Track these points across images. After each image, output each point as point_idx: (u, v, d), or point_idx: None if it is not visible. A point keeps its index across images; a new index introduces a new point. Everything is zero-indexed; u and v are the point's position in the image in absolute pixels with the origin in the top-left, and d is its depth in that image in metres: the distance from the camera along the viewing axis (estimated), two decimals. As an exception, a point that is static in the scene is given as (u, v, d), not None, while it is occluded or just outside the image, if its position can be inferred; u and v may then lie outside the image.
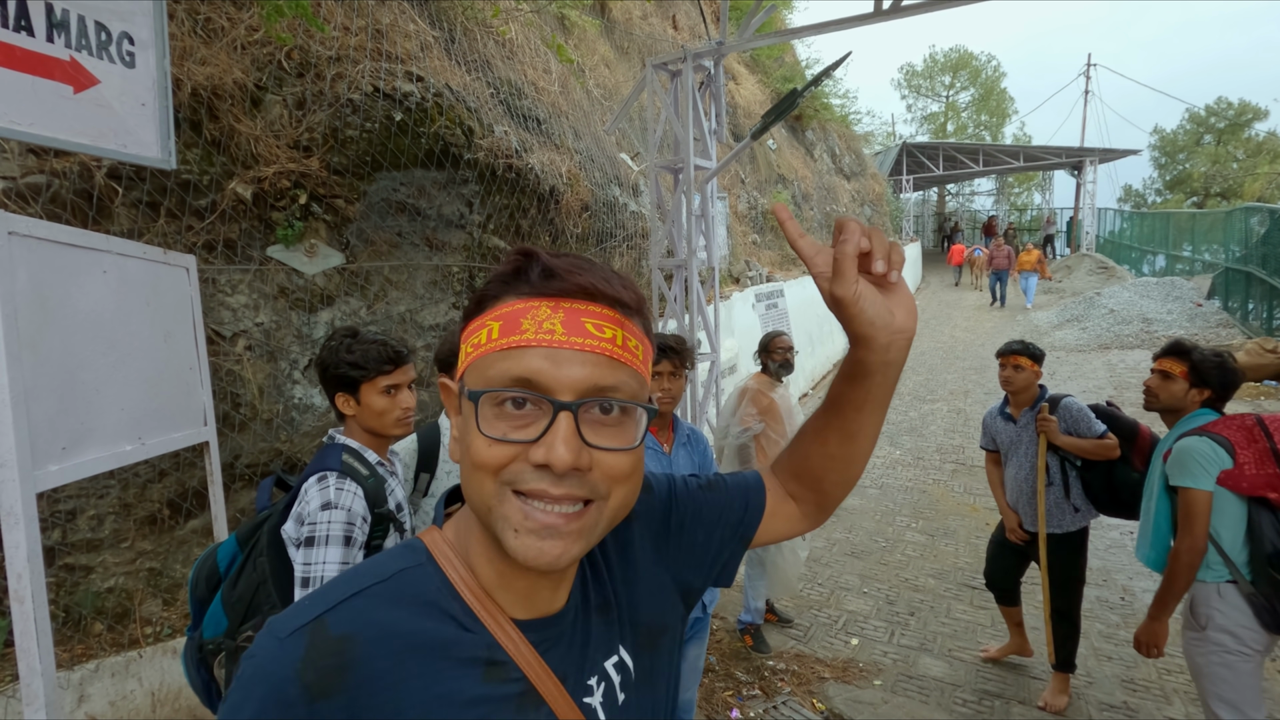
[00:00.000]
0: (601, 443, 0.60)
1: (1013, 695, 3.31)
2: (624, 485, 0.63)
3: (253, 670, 0.59)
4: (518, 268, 0.63)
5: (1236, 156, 34.82)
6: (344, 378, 1.72)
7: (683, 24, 9.90)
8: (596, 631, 0.73)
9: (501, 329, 0.61)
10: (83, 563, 2.67)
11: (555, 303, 0.61)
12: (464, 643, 0.64)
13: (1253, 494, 2.16)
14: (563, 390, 0.59)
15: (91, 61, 1.84)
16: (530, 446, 0.59)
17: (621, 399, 0.61)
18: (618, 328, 0.62)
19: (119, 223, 2.73)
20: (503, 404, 0.60)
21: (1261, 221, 10.76)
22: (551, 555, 0.59)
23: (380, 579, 0.64)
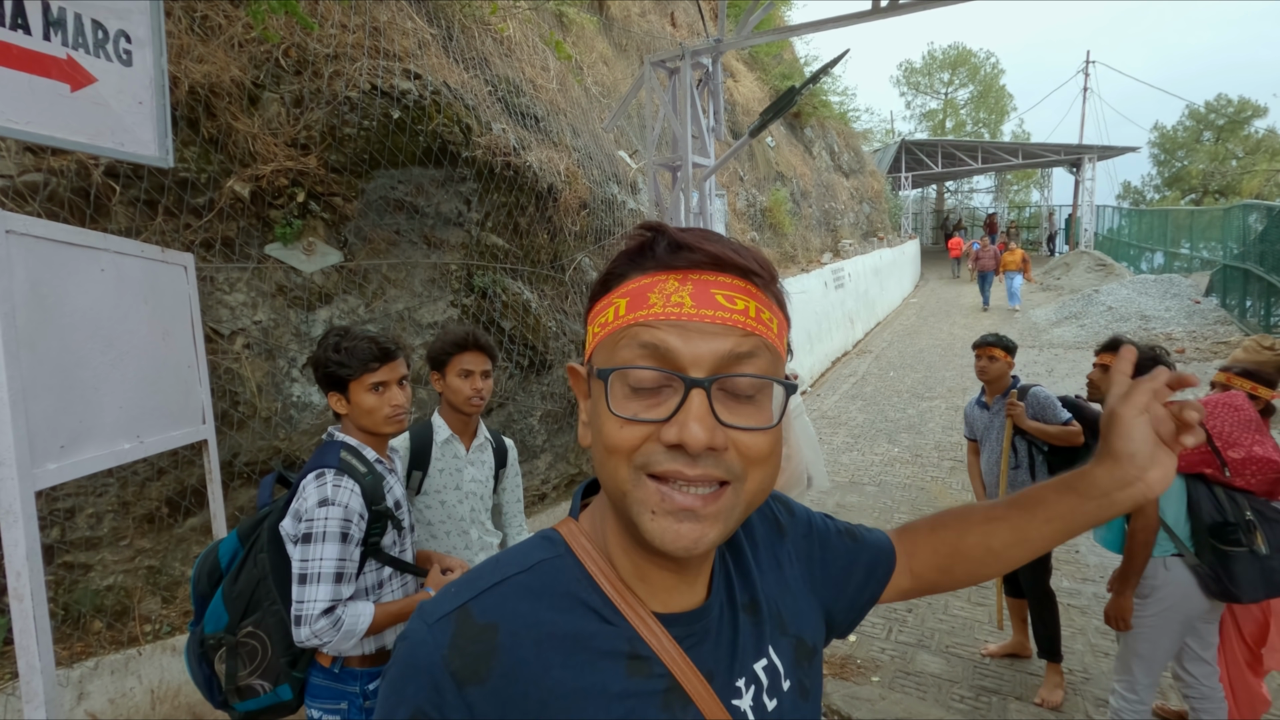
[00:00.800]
0: (737, 421, 0.57)
1: (1010, 691, 3.32)
2: (762, 467, 0.59)
3: (405, 652, 0.60)
4: (643, 243, 0.61)
5: (1236, 154, 34.84)
6: (333, 376, 1.73)
7: (681, 21, 9.89)
8: (745, 631, 0.70)
9: (629, 305, 0.59)
10: (82, 561, 2.67)
11: (683, 275, 0.58)
12: (605, 635, 0.62)
13: (1189, 471, 2.34)
14: (694, 366, 0.56)
15: (88, 60, 1.84)
16: (662, 426, 0.56)
17: (756, 373, 0.58)
18: (749, 299, 0.59)
19: (117, 221, 2.73)
20: (634, 384, 0.57)
21: (1260, 219, 10.77)
22: (690, 538, 0.56)
23: (522, 569, 0.64)
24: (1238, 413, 2.34)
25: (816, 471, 3.86)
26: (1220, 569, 2.28)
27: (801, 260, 11.61)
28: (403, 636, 0.62)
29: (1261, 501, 2.30)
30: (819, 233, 13.56)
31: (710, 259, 0.58)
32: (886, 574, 0.86)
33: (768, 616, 0.73)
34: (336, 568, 1.60)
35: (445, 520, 2.27)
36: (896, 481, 6.35)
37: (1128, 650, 2.51)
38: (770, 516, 0.81)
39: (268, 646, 1.63)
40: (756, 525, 0.79)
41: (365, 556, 1.71)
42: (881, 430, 7.92)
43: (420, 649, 0.59)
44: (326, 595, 1.58)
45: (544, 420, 4.58)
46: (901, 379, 10.28)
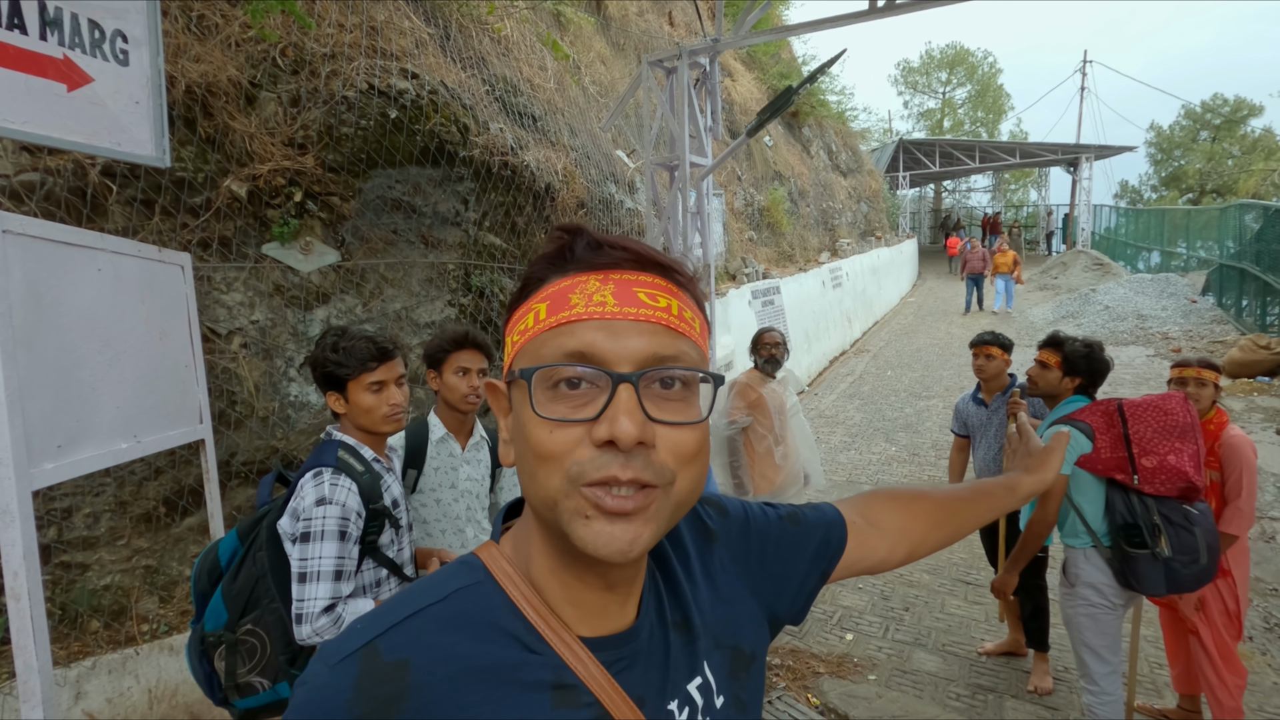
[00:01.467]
0: (665, 417, 0.56)
1: (1006, 689, 3.34)
2: (691, 466, 0.58)
3: (304, 699, 0.55)
4: (561, 245, 0.60)
5: (1232, 153, 34.92)
6: (331, 376, 1.74)
7: (679, 20, 9.89)
8: (676, 650, 0.68)
9: (549, 308, 0.57)
10: (79, 560, 2.67)
11: (604, 274, 0.57)
12: (529, 665, 0.59)
13: (1106, 475, 2.45)
14: (620, 362, 0.55)
15: (85, 59, 1.84)
16: (592, 425, 0.54)
17: (684, 367, 0.57)
18: (672, 298, 0.58)
19: (114, 220, 2.73)
20: (558, 384, 0.56)
21: (1256, 218, 10.80)
22: (625, 540, 0.54)
23: (437, 599, 0.60)
24: (1166, 417, 2.39)
25: (813, 470, 3.87)
26: (1125, 566, 2.42)
27: (799, 259, 11.62)
28: (301, 681, 0.57)
29: (1172, 506, 2.37)
30: (817, 232, 13.57)
31: (632, 257, 0.58)
32: (837, 550, 0.85)
33: (700, 632, 0.70)
34: (336, 565, 1.61)
35: (441, 519, 2.27)
36: (894, 480, 6.37)
37: (1077, 646, 2.62)
38: (699, 524, 0.79)
39: (267, 644, 1.64)
40: (685, 536, 0.77)
41: (363, 555, 1.72)
42: (879, 429, 7.94)
43: (320, 695, 0.55)
44: (327, 593, 1.59)
45: (542, 419, 4.58)
46: (899, 378, 10.30)
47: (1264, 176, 31.39)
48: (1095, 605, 2.53)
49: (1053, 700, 3.24)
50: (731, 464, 3.65)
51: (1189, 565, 2.33)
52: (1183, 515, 2.36)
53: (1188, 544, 2.32)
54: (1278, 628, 3.93)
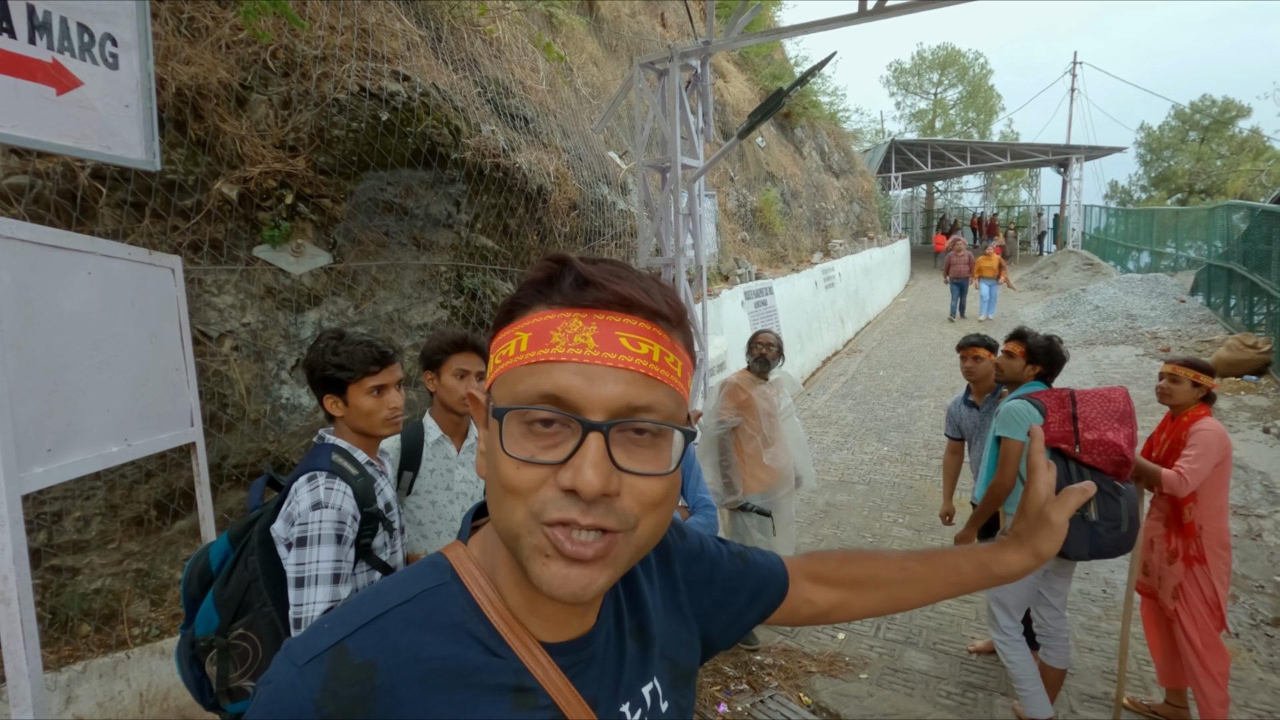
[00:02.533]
0: (634, 466, 0.56)
1: (995, 687, 3.36)
2: (655, 513, 0.58)
3: (269, 697, 0.56)
4: (550, 275, 0.59)
5: (1221, 153, 35.21)
6: (331, 379, 1.74)
7: (671, 22, 9.91)
8: (631, 656, 0.70)
9: (530, 341, 0.57)
10: (69, 564, 2.66)
11: (589, 314, 0.57)
12: (491, 668, 0.61)
13: (1051, 445, 2.73)
14: (593, 409, 0.55)
15: (74, 63, 1.84)
16: (558, 469, 0.55)
17: (657, 420, 0.57)
18: (655, 342, 0.58)
19: (103, 223, 2.72)
20: (531, 423, 0.56)
21: (1243, 219, 10.90)
22: (579, 584, 0.55)
23: (404, 599, 0.61)
24: (1109, 404, 2.74)
25: (805, 471, 3.89)
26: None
27: (792, 260, 11.65)
28: (265, 680, 0.57)
29: (1104, 478, 2.69)
30: (809, 232, 13.62)
31: (617, 299, 0.57)
32: (776, 597, 0.88)
33: (654, 639, 0.73)
34: (334, 569, 1.61)
35: (436, 520, 2.28)
36: (885, 480, 6.40)
37: (991, 600, 3.01)
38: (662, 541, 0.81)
39: (259, 648, 1.64)
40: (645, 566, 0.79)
41: (356, 559, 1.72)
42: (871, 429, 7.98)
43: (288, 694, 0.55)
44: (326, 596, 1.59)
45: (534, 421, 4.58)
46: (891, 378, 10.34)
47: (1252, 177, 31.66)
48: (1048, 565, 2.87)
49: (1042, 697, 3.27)
50: (721, 463, 3.67)
51: (1111, 531, 2.65)
52: (1112, 486, 2.68)
53: (1113, 511, 2.64)
54: (1264, 624, 3.97)
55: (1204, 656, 2.88)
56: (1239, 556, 4.69)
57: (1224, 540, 2.90)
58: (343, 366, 1.73)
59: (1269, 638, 3.85)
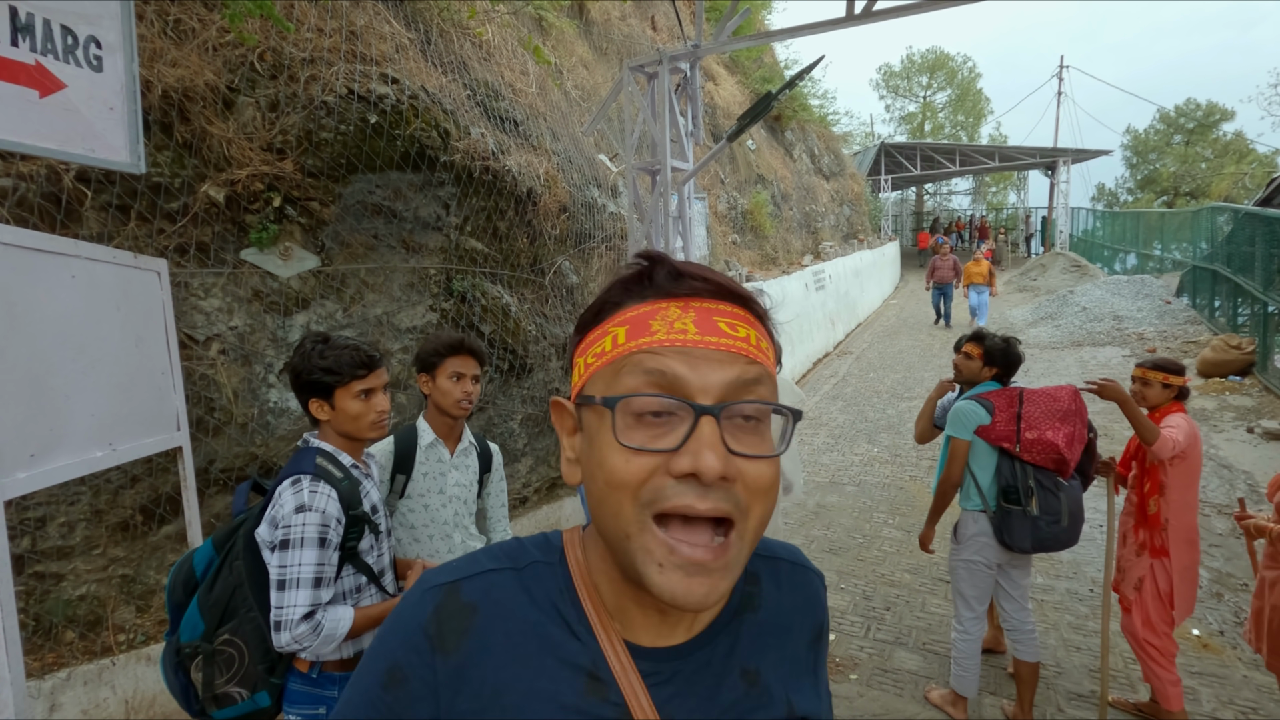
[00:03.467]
0: (744, 449, 0.55)
1: (984, 687, 3.38)
2: (764, 499, 0.57)
3: (401, 608, 0.65)
4: (640, 272, 0.61)
5: (1205, 156, 35.62)
6: (318, 383, 1.73)
7: (662, 25, 9.93)
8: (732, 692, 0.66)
9: (629, 333, 0.57)
10: (53, 570, 2.64)
11: (685, 302, 0.58)
12: (572, 649, 0.62)
13: (997, 444, 2.93)
14: (703, 393, 0.55)
15: (58, 65, 1.82)
16: (671, 456, 0.54)
17: (766, 401, 0.57)
18: (750, 327, 0.59)
19: (88, 226, 2.70)
20: (640, 414, 0.55)
21: (1228, 221, 11.03)
22: (702, 592, 0.54)
23: (515, 565, 0.66)
24: (1054, 403, 2.89)
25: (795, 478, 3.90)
26: (1001, 522, 2.90)
27: (783, 262, 11.69)
28: (407, 593, 0.67)
29: (1046, 474, 2.85)
30: (800, 235, 13.67)
31: (712, 287, 0.59)
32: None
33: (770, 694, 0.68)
34: (315, 572, 1.61)
35: (429, 524, 2.27)
36: (876, 481, 6.43)
37: (954, 592, 3.14)
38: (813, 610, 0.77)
39: (245, 654, 1.63)
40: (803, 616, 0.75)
41: (342, 561, 1.72)
42: (861, 430, 8.01)
43: (410, 609, 0.64)
44: (306, 600, 1.58)
45: (524, 424, 4.58)
46: (881, 380, 10.39)
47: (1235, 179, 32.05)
48: (973, 561, 3.03)
49: (1030, 696, 3.30)
50: None
51: (1052, 525, 2.82)
52: (1053, 483, 2.85)
53: (1052, 506, 2.82)
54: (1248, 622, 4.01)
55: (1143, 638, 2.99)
56: (1223, 555, 4.74)
57: (1190, 536, 2.96)
58: (330, 370, 1.73)
59: (1253, 635, 3.89)
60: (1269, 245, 8.34)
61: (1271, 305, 7.97)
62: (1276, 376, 7.51)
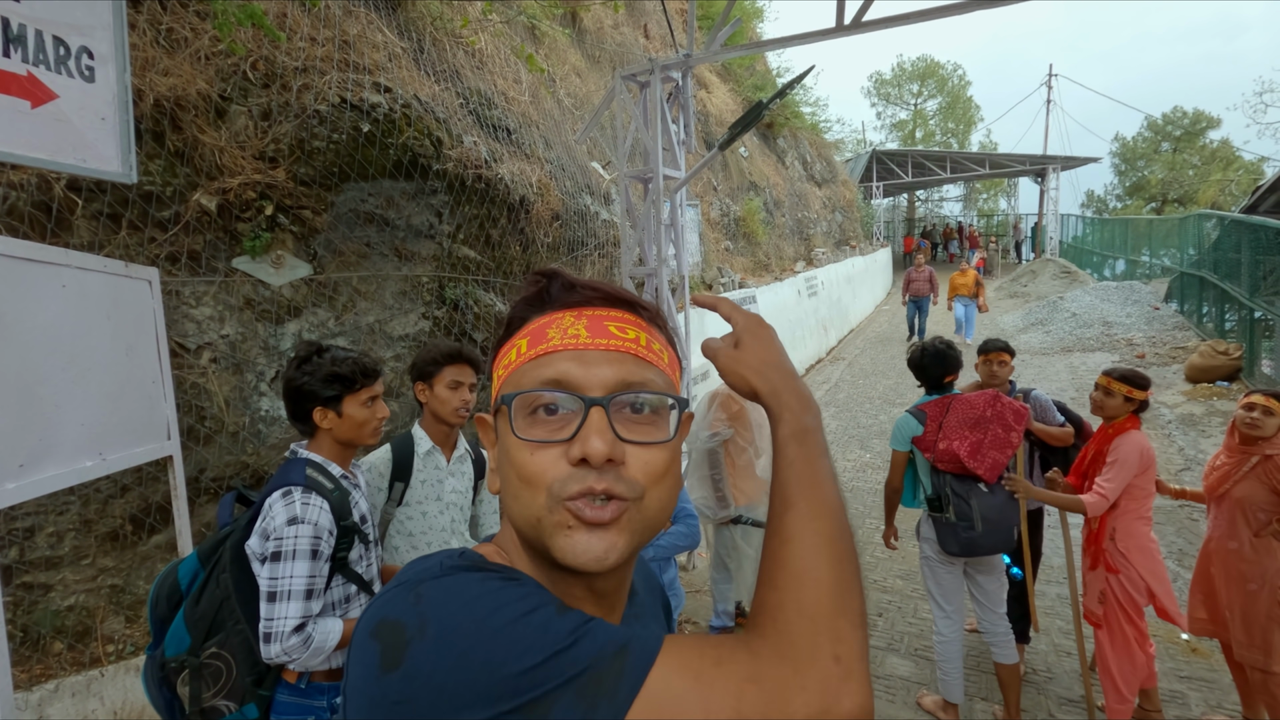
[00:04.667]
0: (636, 437, 0.61)
1: (975, 692, 3.40)
2: (661, 483, 0.62)
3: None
4: (539, 289, 0.66)
5: (1193, 163, 36.01)
6: (328, 391, 1.75)
7: (654, 33, 9.99)
8: None
9: (529, 343, 0.64)
10: (41, 581, 2.62)
11: (578, 311, 0.64)
12: None
13: (924, 453, 3.02)
14: (592, 387, 0.60)
15: (49, 76, 1.83)
16: (568, 445, 0.59)
17: (651, 391, 0.62)
18: (640, 330, 0.64)
19: (79, 235, 2.70)
20: (536, 410, 0.61)
21: (1215, 227, 11.14)
22: (601, 548, 0.58)
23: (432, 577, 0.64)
24: (970, 410, 2.97)
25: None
26: (933, 528, 3.02)
27: (775, 269, 11.74)
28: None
29: (960, 481, 2.93)
30: (792, 241, 13.73)
31: (601, 295, 0.64)
32: None
33: None
34: (307, 585, 1.61)
35: (426, 531, 2.28)
36: (868, 487, 6.44)
37: (928, 596, 3.21)
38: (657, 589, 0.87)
39: (232, 666, 1.62)
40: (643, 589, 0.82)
41: (332, 572, 1.72)
42: (854, 436, 8.03)
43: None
44: (297, 612, 1.58)
45: (517, 431, 4.57)
46: (874, 385, 10.43)
47: (1222, 186, 32.40)
48: (930, 558, 3.11)
49: (1022, 702, 3.31)
50: (713, 476, 3.65)
51: (967, 530, 2.89)
52: (966, 490, 2.91)
53: (964, 512, 2.89)
54: (1236, 626, 4.04)
55: (1112, 666, 2.97)
56: (1212, 560, 4.77)
57: (1142, 544, 2.95)
58: (342, 377, 1.76)
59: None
60: (1255, 252, 8.43)
61: (1258, 311, 8.05)
62: (1263, 381, 7.58)
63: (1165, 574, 2.98)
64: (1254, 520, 2.86)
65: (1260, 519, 2.84)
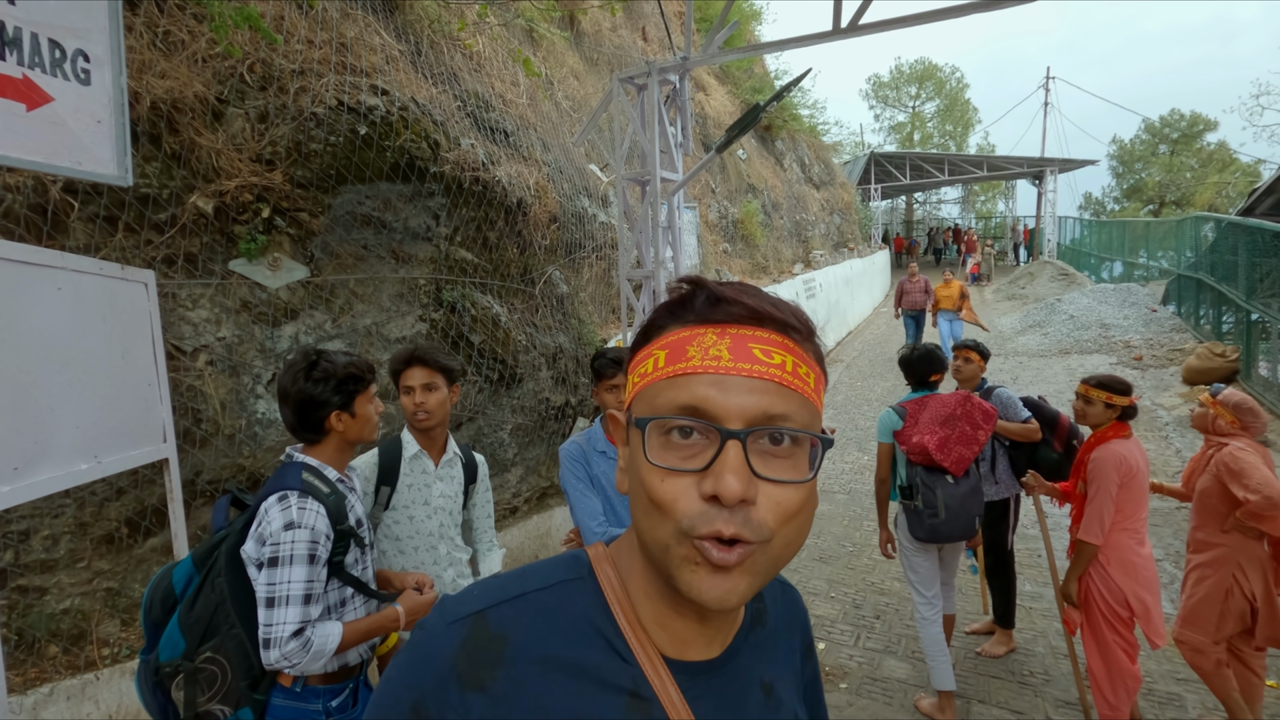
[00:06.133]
0: (772, 474, 0.58)
1: (973, 694, 3.40)
2: (791, 524, 0.59)
3: (421, 640, 0.63)
4: (682, 296, 0.64)
5: (1190, 166, 36.10)
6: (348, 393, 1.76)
7: (652, 36, 10.00)
8: (754, 705, 0.70)
9: (668, 357, 0.60)
10: (37, 584, 2.61)
11: (722, 329, 0.60)
12: (611, 668, 0.63)
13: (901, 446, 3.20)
14: (731, 418, 0.57)
15: (45, 79, 1.83)
16: (700, 476, 0.57)
17: (793, 428, 0.58)
18: (787, 354, 0.60)
19: (75, 238, 2.69)
20: (670, 433, 0.58)
21: (1212, 230, 11.17)
22: (723, 589, 0.57)
23: (542, 585, 0.65)
24: (942, 408, 3.15)
25: None
26: (905, 517, 3.25)
27: (773, 271, 11.75)
28: (420, 625, 0.65)
29: (929, 473, 3.12)
30: (790, 243, 13.75)
31: (749, 313, 0.60)
32: None
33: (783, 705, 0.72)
34: (305, 589, 1.60)
35: (414, 535, 2.27)
36: (866, 489, 6.44)
37: (907, 581, 3.41)
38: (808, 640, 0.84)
39: (227, 671, 1.62)
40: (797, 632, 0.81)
41: (328, 576, 1.71)
42: (851, 438, 8.04)
43: (434, 643, 0.62)
44: (296, 617, 1.58)
45: (514, 434, 4.58)
46: (872, 387, 10.44)
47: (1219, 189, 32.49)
48: (906, 546, 3.32)
49: (1017, 703, 3.31)
50: None
51: (932, 517, 3.09)
52: (934, 481, 3.11)
53: (930, 500, 3.09)
54: (1233, 628, 4.04)
55: (1097, 673, 2.93)
56: (1209, 562, 4.77)
57: (1124, 556, 2.87)
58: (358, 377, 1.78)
59: (1238, 641, 3.92)
60: (1252, 254, 8.45)
61: (1255, 313, 8.06)
62: (1260, 384, 7.60)
63: (1150, 588, 2.87)
64: (1214, 513, 2.87)
65: (1221, 511, 2.84)
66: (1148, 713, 3.23)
